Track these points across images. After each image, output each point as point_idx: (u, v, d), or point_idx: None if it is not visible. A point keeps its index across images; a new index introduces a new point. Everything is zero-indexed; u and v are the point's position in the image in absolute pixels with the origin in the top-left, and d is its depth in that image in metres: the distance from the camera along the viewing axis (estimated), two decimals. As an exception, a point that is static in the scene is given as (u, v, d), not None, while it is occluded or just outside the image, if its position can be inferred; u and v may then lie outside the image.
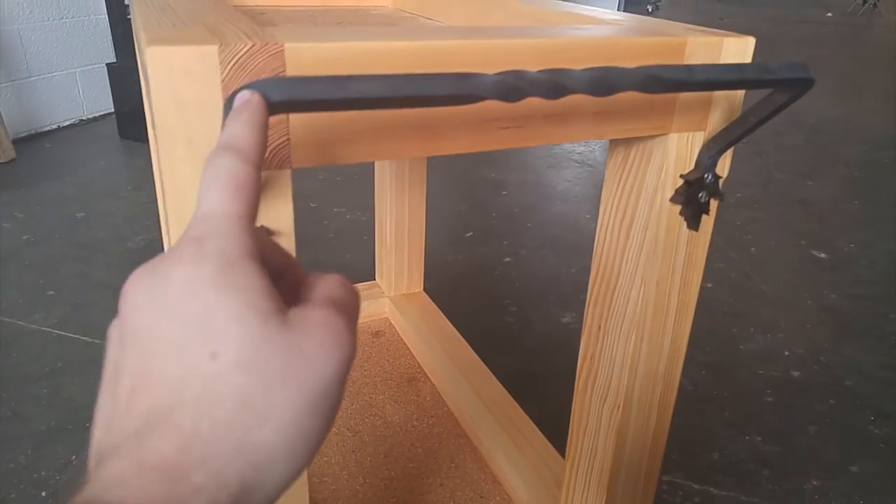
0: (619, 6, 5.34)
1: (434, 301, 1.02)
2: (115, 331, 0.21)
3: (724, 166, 0.47)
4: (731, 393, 1.12)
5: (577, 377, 0.58)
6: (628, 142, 0.48)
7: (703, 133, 0.45)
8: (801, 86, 0.38)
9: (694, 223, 0.47)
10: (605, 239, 0.52)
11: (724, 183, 0.46)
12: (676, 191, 0.46)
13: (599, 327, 0.54)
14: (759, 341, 1.27)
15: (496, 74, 0.28)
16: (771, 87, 0.38)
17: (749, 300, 1.41)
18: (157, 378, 0.20)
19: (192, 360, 0.19)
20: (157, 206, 1.63)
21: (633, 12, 4.11)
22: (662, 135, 0.44)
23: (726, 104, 0.44)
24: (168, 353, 0.20)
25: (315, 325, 0.21)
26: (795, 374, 1.18)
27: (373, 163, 0.97)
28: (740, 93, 0.44)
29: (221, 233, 0.21)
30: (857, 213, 1.92)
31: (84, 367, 1.11)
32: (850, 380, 1.16)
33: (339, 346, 0.21)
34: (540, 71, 0.30)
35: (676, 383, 0.56)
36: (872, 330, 1.32)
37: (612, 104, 0.41)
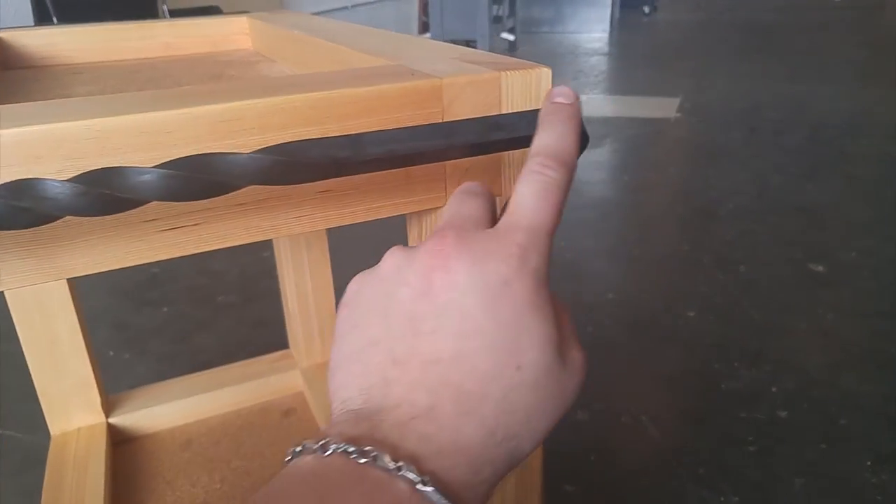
0: (613, 9, 5.23)
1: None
2: (402, 289, 0.24)
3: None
4: (706, 444, 0.99)
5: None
6: (419, 214, 0.37)
7: (499, 200, 0.34)
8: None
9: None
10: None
11: (714, 195, 0.34)
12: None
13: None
14: (744, 378, 1.13)
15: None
16: (526, 145, 0.27)
17: (735, 329, 1.27)
18: (468, 363, 0.22)
19: (502, 363, 0.22)
20: (98, 274, 1.57)
21: (630, 15, 4.02)
22: (438, 208, 0.34)
23: (519, 162, 0.33)
24: (483, 346, 0.22)
25: (578, 370, 0.25)
26: (782, 414, 1.04)
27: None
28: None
29: (540, 251, 0.24)
30: (860, 216, 1.76)
31: (-7, 461, 1.03)
32: (846, 418, 1.02)
33: (581, 387, 0.25)
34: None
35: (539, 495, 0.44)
36: (872, 355, 1.17)
37: (341, 178, 0.30)
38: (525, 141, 0.25)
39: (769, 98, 2.98)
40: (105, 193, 0.19)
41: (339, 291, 0.92)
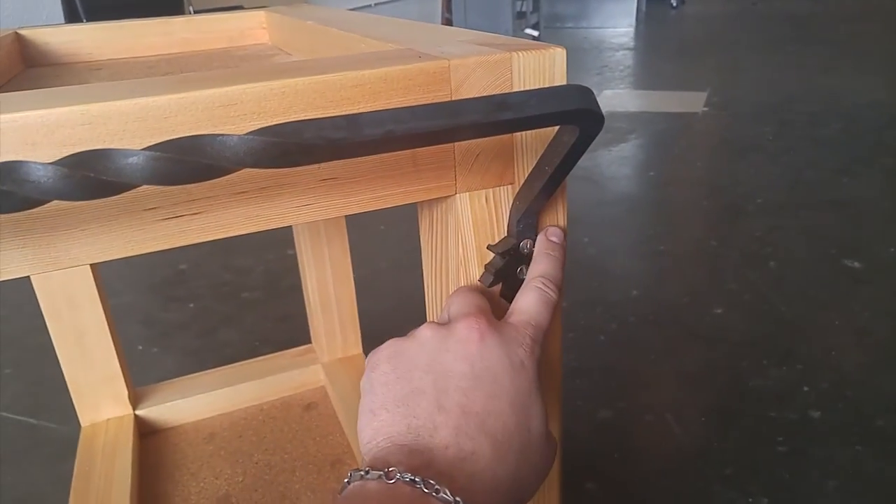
0: (639, 2, 5.15)
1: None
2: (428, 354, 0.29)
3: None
4: (734, 443, 0.96)
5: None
6: (430, 203, 0.36)
7: (511, 188, 0.33)
8: (582, 119, 0.25)
9: (521, 306, 0.35)
10: (432, 325, 0.40)
11: (743, 190, 0.34)
12: (486, 267, 0.34)
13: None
14: (773, 376, 1.09)
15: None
16: (537, 125, 0.26)
17: (764, 326, 1.24)
18: (499, 419, 0.28)
19: (520, 423, 0.29)
20: (124, 269, 1.60)
21: (657, 8, 3.94)
22: (449, 196, 0.33)
23: (532, 148, 0.32)
24: (508, 407, 0.28)
25: (554, 447, 0.31)
26: (815, 414, 1.00)
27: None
28: (547, 131, 0.32)
29: (540, 345, 0.30)
30: (898, 210, 1.70)
31: (25, 453, 1.05)
32: (883, 419, 0.98)
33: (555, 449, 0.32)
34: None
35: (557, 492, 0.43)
36: (911, 353, 1.13)
37: (348, 163, 0.29)
38: (535, 121, 0.24)
39: (802, 90, 2.90)
40: (90, 176, 0.19)
41: (363, 286, 0.91)
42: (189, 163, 0.20)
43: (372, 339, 0.93)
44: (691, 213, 1.80)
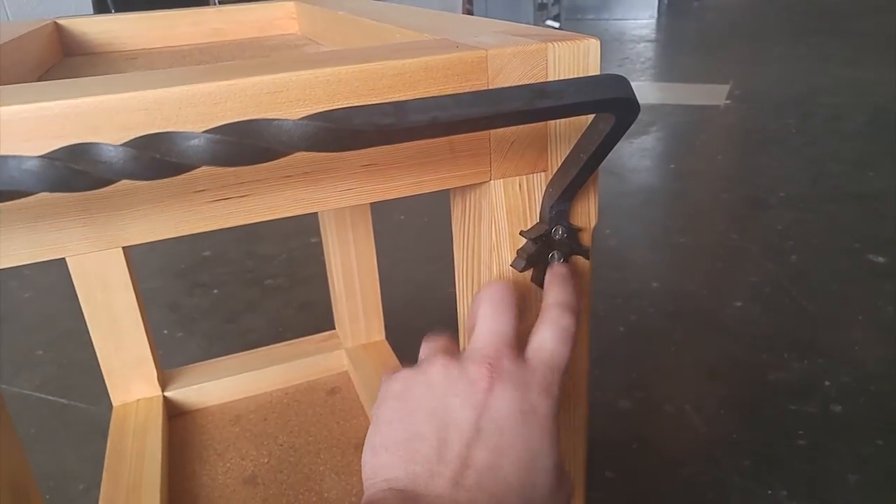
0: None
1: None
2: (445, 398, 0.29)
3: (587, 214, 0.36)
4: (753, 436, 0.96)
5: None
6: (463, 190, 0.37)
7: (544, 175, 0.34)
8: (618, 108, 0.26)
9: (551, 290, 0.36)
10: (463, 314, 0.41)
11: (764, 182, 0.34)
12: (518, 252, 0.35)
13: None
14: (794, 370, 1.09)
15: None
16: (574, 113, 0.26)
17: (785, 320, 1.23)
18: (500, 475, 0.27)
19: (522, 479, 0.27)
20: (150, 255, 1.63)
21: (679, 4, 3.89)
22: (483, 183, 0.34)
23: (566, 136, 0.33)
24: (511, 462, 0.27)
25: (567, 489, 0.30)
26: (836, 409, 1.00)
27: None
28: (580, 120, 0.32)
29: (558, 385, 0.30)
30: (924, 204, 1.68)
31: (56, 433, 1.08)
32: (904, 414, 0.98)
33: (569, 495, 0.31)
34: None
35: (582, 482, 0.44)
36: (935, 349, 1.12)
37: (387, 150, 0.31)
38: (572, 109, 0.25)
39: (827, 83, 2.86)
40: (156, 158, 0.20)
41: (383, 276, 0.92)
42: (247, 145, 0.21)
43: (392, 328, 0.95)
44: (712, 206, 1.80)
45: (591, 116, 0.30)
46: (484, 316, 0.31)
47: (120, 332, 0.81)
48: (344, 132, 0.21)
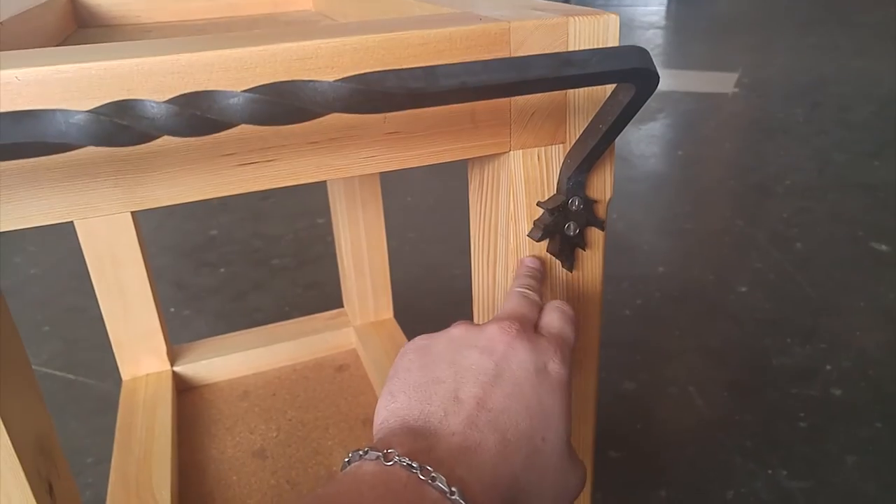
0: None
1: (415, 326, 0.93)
2: (488, 358, 0.29)
3: (602, 186, 0.36)
4: (755, 418, 0.97)
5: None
6: (482, 161, 0.38)
7: (562, 147, 0.35)
8: (639, 78, 0.27)
9: (567, 262, 0.37)
10: (478, 284, 0.42)
11: (771, 171, 0.35)
12: (535, 223, 0.35)
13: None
14: (797, 354, 1.10)
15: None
16: (597, 82, 0.27)
17: (788, 305, 1.24)
18: (512, 419, 0.28)
19: (533, 428, 0.28)
20: (157, 234, 1.64)
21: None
22: (503, 153, 0.34)
23: (584, 109, 0.34)
24: (524, 409, 0.28)
25: (581, 475, 0.30)
26: (837, 392, 1.01)
27: (395, 171, 0.89)
28: (598, 93, 0.33)
29: (568, 358, 0.31)
30: (929, 194, 1.68)
31: (63, 408, 1.10)
32: (905, 398, 0.99)
33: (580, 491, 0.30)
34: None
35: (591, 456, 0.45)
36: (937, 336, 1.13)
37: (410, 119, 0.31)
38: (596, 78, 0.26)
39: (835, 72, 2.84)
40: (196, 115, 0.20)
41: (392, 257, 0.92)
42: (284, 105, 0.21)
43: (399, 307, 0.96)
44: (719, 193, 1.80)
45: (609, 90, 0.31)
46: (509, 299, 0.33)
47: (129, 305, 0.81)
48: (376, 94, 0.22)
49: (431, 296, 1.29)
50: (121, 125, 0.20)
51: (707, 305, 1.25)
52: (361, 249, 0.90)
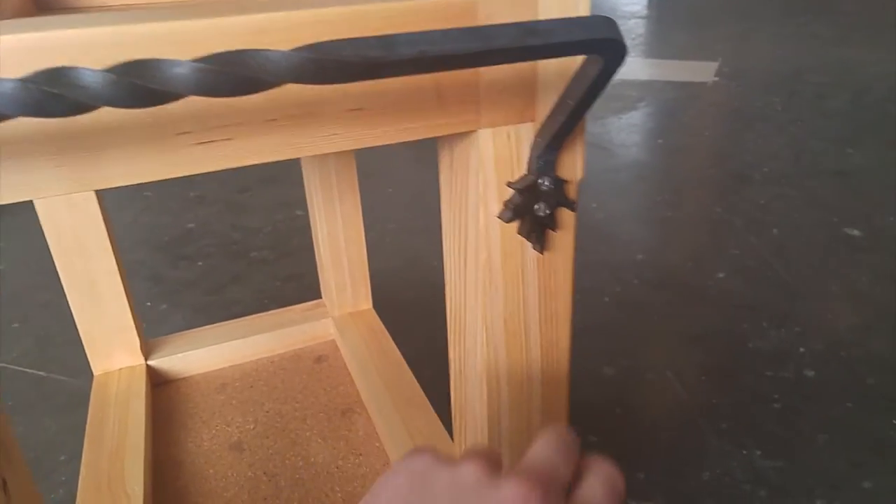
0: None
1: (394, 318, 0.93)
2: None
3: (573, 166, 0.36)
4: (731, 400, 0.98)
5: (453, 425, 0.48)
6: (451, 141, 0.37)
7: (532, 126, 0.34)
8: (607, 49, 0.26)
9: (537, 243, 0.36)
10: (449, 267, 0.41)
11: (749, 158, 0.34)
12: (504, 203, 0.35)
13: (460, 371, 0.43)
14: (772, 338, 1.11)
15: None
16: (563, 53, 0.26)
17: (765, 290, 1.25)
18: None
19: None
20: (133, 228, 1.61)
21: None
22: (471, 132, 0.33)
23: (554, 85, 0.33)
24: None
25: None
26: (810, 373, 1.02)
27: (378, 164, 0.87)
28: (567, 68, 0.32)
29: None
30: (902, 180, 1.70)
31: (35, 405, 1.08)
32: (874, 377, 1.00)
33: None
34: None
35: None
36: (909, 318, 1.15)
37: (374, 95, 0.30)
38: (561, 48, 0.25)
39: (813, 62, 2.87)
40: (137, 84, 0.19)
41: (370, 248, 0.91)
42: (233, 75, 0.20)
43: (379, 300, 0.95)
44: (698, 181, 1.81)
45: (579, 65, 0.30)
46: (543, 443, 0.27)
47: (100, 299, 0.79)
48: (331, 63, 0.21)
49: (411, 287, 1.28)
50: (51, 93, 0.19)
51: (685, 291, 1.26)
52: (339, 242, 0.89)
